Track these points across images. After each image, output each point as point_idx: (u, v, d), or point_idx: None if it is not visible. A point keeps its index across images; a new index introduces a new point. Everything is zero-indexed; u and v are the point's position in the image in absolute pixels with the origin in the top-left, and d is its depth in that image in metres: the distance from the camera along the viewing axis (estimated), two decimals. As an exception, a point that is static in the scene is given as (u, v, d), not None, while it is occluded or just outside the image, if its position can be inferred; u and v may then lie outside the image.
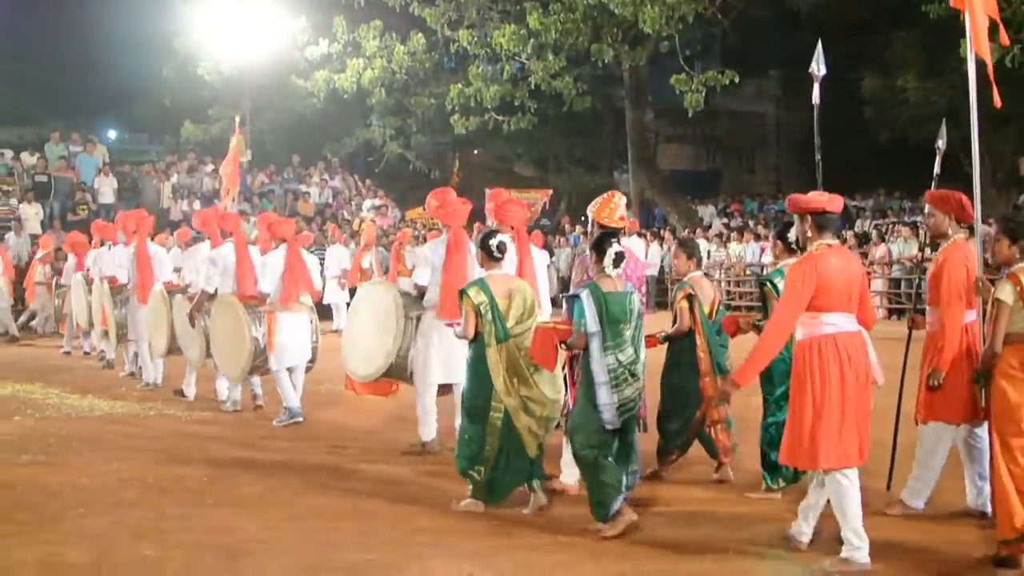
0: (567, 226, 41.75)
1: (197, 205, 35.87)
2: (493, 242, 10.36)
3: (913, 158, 42.90)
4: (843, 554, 8.38)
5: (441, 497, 10.51)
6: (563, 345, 9.80)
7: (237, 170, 19.36)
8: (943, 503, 10.10)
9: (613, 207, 10.78)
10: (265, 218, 16.59)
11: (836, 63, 11.02)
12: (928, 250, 13.33)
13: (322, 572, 8.45)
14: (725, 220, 42.69)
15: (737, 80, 34.93)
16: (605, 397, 9.31)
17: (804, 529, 8.82)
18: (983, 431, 9.44)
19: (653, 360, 10.22)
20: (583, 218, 43.33)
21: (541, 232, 22.64)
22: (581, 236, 39.08)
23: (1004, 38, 10.95)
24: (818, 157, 11.17)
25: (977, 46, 10.06)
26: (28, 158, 37.74)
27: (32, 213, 34.30)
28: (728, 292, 35.97)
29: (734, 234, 37.35)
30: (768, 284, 10.63)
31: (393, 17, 39.71)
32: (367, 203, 41.50)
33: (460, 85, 38.51)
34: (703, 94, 34.49)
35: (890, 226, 33.77)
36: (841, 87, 41.82)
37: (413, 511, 10.19)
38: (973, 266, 9.66)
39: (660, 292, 35.69)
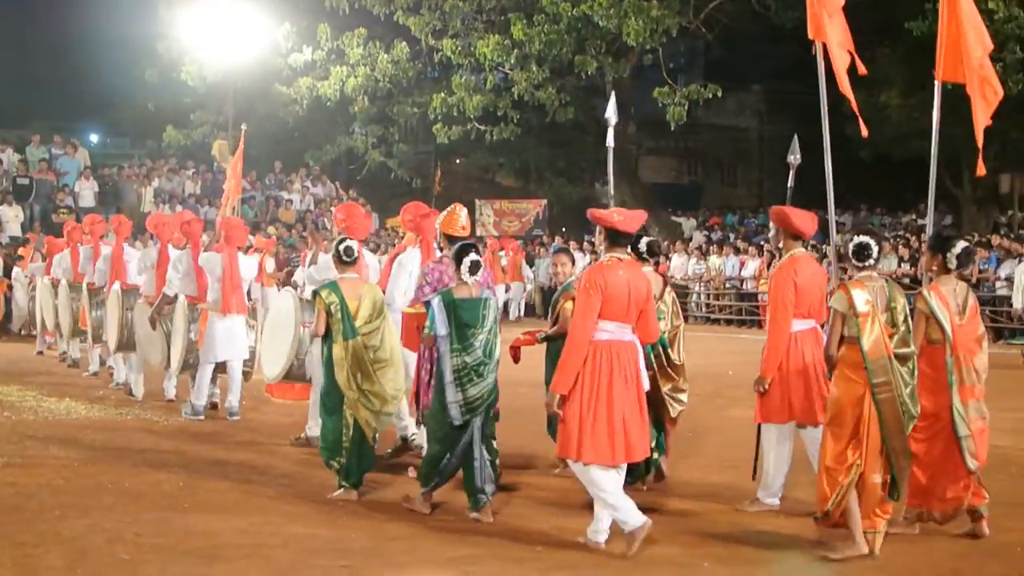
0: (546, 237, 41.81)
1: (179, 210, 35.88)
2: (342, 247, 11.29)
3: (895, 174, 43.10)
4: (625, 528, 9.11)
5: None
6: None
7: (240, 178, 19.42)
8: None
9: (456, 218, 11.75)
10: (228, 222, 16.78)
11: (819, 78, 11.12)
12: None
13: (298, 579, 8.46)
14: (706, 233, 42.77)
15: (720, 94, 35.07)
16: (451, 395, 10.01)
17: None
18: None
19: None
20: (563, 229, 43.48)
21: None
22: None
23: (861, 68, 11.57)
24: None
25: (840, 82, 11.05)
26: (9, 160, 37.65)
27: (12, 215, 34.29)
28: (707, 305, 36.07)
29: (714, 247, 37.40)
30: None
31: (377, 25, 39.70)
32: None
33: (443, 94, 38.52)
34: (686, 107, 34.61)
35: (871, 242, 33.86)
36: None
37: (389, 518, 10.20)
38: (806, 280, 10.22)
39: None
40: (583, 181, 52.75)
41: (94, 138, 60.31)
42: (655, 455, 11.16)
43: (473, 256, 10.16)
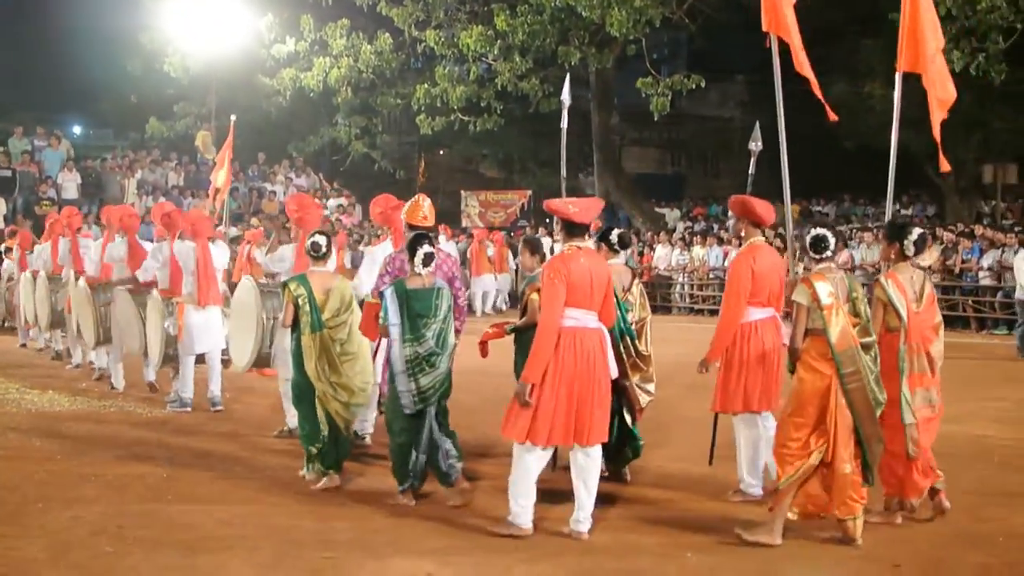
0: (530, 228, 41.79)
1: (162, 201, 35.84)
2: (309, 243, 11.70)
3: (879, 164, 43.15)
4: (507, 519, 9.37)
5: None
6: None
7: (230, 169, 19.45)
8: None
9: (418, 208, 12.03)
10: (189, 215, 16.92)
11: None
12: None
13: (283, 570, 8.45)
14: (689, 224, 42.77)
15: (703, 84, 35.04)
16: (402, 384, 10.18)
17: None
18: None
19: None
20: (547, 220, 43.44)
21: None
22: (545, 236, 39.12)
23: (799, 65, 11.96)
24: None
25: (800, 66, 11.50)
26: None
27: (-6, 207, 34.19)
28: (692, 296, 36.06)
29: (697, 238, 37.41)
30: None
31: (360, 16, 39.64)
32: (332, 202, 41.50)
33: (426, 85, 38.46)
34: (669, 98, 34.59)
35: (853, 231, 33.83)
36: (808, 93, 42.02)
37: (372, 510, 10.22)
38: (764, 268, 10.33)
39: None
40: (566, 171, 52.73)
41: (77, 130, 60.14)
42: (638, 443, 11.39)
43: (427, 247, 10.36)
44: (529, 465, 9.38)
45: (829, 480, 9.11)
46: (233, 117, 19.81)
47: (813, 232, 9.43)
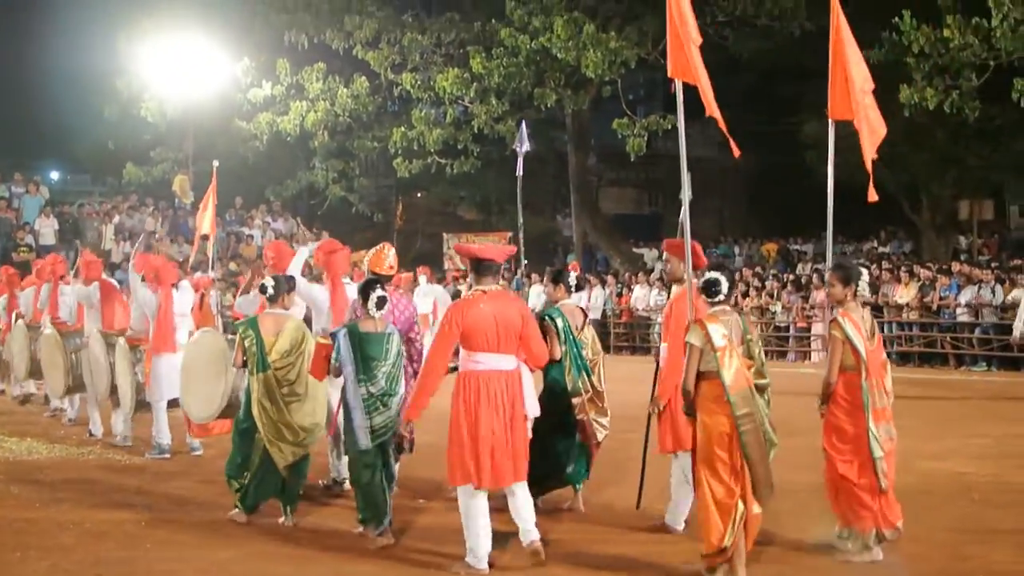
0: (506, 271, 41.78)
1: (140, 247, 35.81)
2: (260, 285, 12.22)
3: (854, 202, 43.30)
4: (464, 560, 9.62)
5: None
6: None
7: (214, 215, 19.48)
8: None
9: (383, 257, 12.25)
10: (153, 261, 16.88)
11: (777, 108, 11.29)
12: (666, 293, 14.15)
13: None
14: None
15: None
16: (358, 419, 10.44)
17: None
18: None
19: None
20: (525, 261, 43.37)
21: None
22: (524, 279, 39.10)
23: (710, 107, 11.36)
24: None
25: (709, 108, 11.11)
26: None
27: (-29, 254, 34.03)
28: (671, 336, 36.04)
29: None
30: (547, 319, 11.71)
31: (336, 60, 39.77)
32: (310, 246, 41.43)
33: (403, 128, 38.56)
34: (645, 138, 34.66)
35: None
36: (784, 132, 42.16)
37: (352, 556, 10.20)
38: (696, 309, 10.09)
39: (603, 336, 35.72)
40: (544, 213, 52.81)
41: (54, 175, 60.07)
42: (578, 481, 11.82)
43: (379, 292, 10.64)
44: (467, 506, 9.63)
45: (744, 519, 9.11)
46: (216, 163, 19.85)
47: (706, 276, 9.55)
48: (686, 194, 10.74)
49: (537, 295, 37.11)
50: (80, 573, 9.39)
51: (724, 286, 9.46)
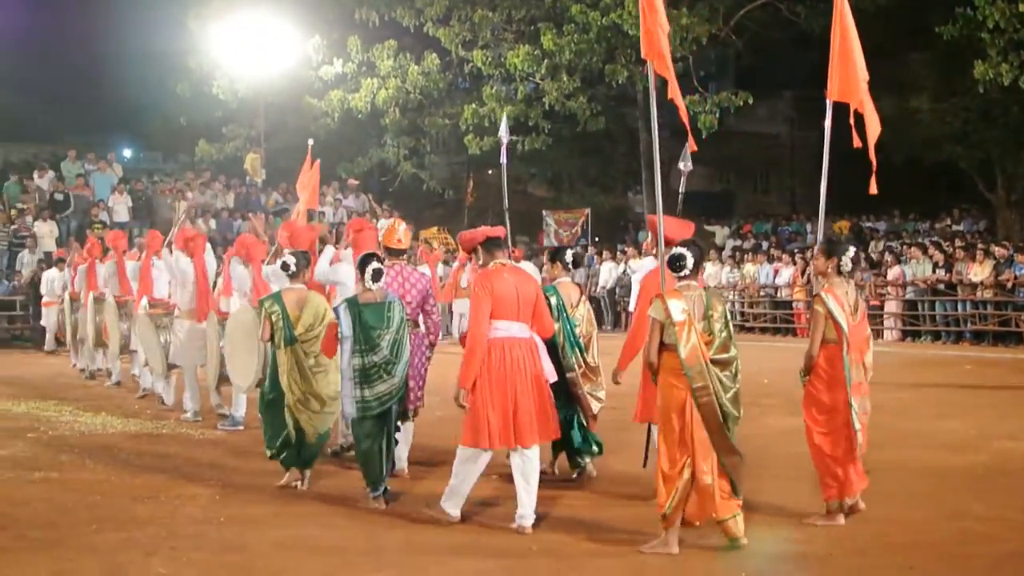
0: (591, 245, 41.72)
1: (212, 224, 35.98)
2: (280, 262, 12.74)
3: (928, 179, 42.88)
4: (438, 503, 10.36)
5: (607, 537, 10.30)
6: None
7: (316, 191, 19.72)
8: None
9: (393, 232, 12.75)
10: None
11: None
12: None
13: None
14: (738, 241, 42.65)
15: (751, 101, 34.99)
16: (348, 390, 10.99)
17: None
18: None
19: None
20: (596, 239, 43.38)
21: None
22: (595, 257, 39.07)
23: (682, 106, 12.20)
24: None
25: (672, 93, 11.86)
26: (44, 176, 37.83)
27: (47, 231, 34.29)
28: (742, 313, 35.90)
29: (748, 255, 37.30)
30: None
31: (407, 37, 39.80)
32: (381, 222, 41.50)
33: (474, 105, 38.57)
34: (717, 115, 34.56)
35: (904, 247, 33.61)
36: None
37: (422, 528, 10.19)
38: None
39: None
40: (615, 190, 52.69)
41: (127, 153, 60.48)
42: (588, 456, 12.36)
43: (375, 264, 11.10)
44: (467, 463, 10.23)
45: (696, 492, 9.36)
46: (311, 142, 20.18)
47: (673, 251, 9.75)
48: (658, 173, 10.96)
49: (608, 271, 37.06)
50: (154, 546, 9.43)
51: (689, 261, 9.65)
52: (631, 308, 14.57)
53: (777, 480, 11.58)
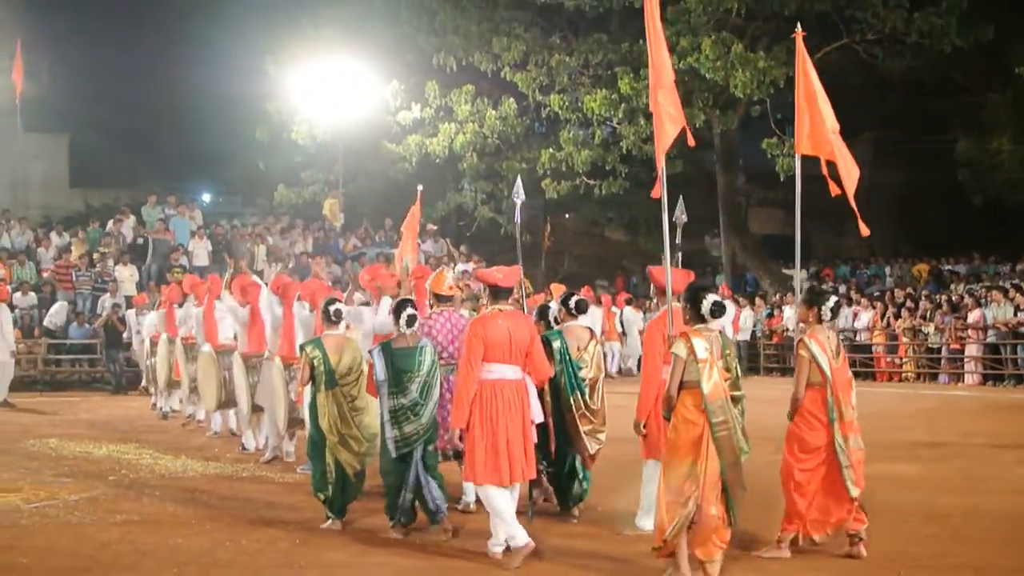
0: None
1: (292, 267, 36.21)
2: (332, 308, 12.96)
3: (1009, 221, 42.52)
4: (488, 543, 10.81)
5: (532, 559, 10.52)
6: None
7: (415, 238, 20.16)
8: None
9: (443, 280, 13.34)
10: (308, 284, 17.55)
11: (929, 125, 11.31)
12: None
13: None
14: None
15: (829, 144, 34.87)
16: (387, 432, 11.61)
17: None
18: None
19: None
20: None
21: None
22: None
23: (691, 140, 13.23)
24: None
25: (658, 150, 12.72)
26: (128, 225, 38.25)
27: (127, 275, 34.56)
28: (821, 356, 35.58)
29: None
30: (545, 340, 12.28)
31: (484, 82, 39.96)
32: (459, 267, 41.60)
33: (551, 149, 38.66)
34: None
35: (984, 290, 33.35)
36: (934, 150, 41.65)
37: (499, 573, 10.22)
38: (677, 331, 10.66)
39: (752, 357, 35.59)
40: (692, 234, 52.54)
41: (206, 197, 61.11)
42: (582, 486, 12.91)
43: (409, 311, 11.73)
44: (495, 500, 10.63)
45: (696, 521, 9.68)
46: (420, 187, 20.53)
47: (712, 299, 10.01)
48: (666, 220, 11.22)
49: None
50: (236, 590, 9.51)
51: (716, 308, 10.01)
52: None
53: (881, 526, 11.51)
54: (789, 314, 35.82)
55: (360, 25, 41.07)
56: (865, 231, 13.02)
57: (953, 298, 34.21)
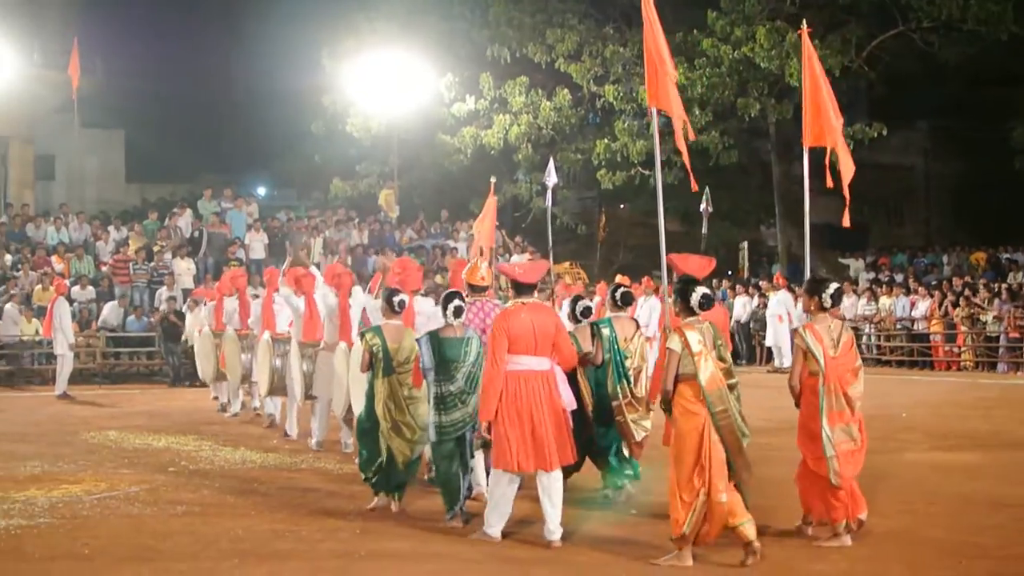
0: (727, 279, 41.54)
1: (349, 261, 36.25)
2: (395, 300, 13.15)
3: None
4: (482, 528, 11.14)
5: (631, 551, 10.60)
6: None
7: (493, 229, 20.34)
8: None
9: (477, 271, 13.29)
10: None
11: (986, 114, 11.30)
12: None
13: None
14: (873, 274, 42.22)
15: (884, 132, 34.74)
16: (432, 417, 11.85)
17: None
18: None
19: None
20: (729, 272, 43.17)
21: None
22: (728, 290, 38.85)
23: (691, 133, 13.43)
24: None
25: (679, 141, 13.31)
26: (186, 220, 38.45)
27: (184, 268, 34.70)
28: (879, 347, 35.49)
29: (883, 288, 36.91)
30: (596, 327, 13.08)
31: (539, 73, 39.98)
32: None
33: (606, 140, 38.65)
34: (850, 147, 34.30)
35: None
36: (991, 138, 41.37)
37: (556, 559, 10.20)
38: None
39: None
40: (748, 224, 52.40)
41: (262, 190, 61.27)
42: (623, 480, 13.12)
43: (457, 302, 11.94)
44: (501, 486, 11.06)
45: (708, 510, 9.91)
46: (493, 179, 20.67)
47: (702, 291, 10.37)
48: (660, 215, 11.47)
49: (742, 305, 36.70)
50: (297, 580, 9.55)
51: (703, 299, 10.36)
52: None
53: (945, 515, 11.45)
54: (846, 303, 35.48)
55: (413, 19, 41.25)
56: (846, 222, 14.29)
57: (1012, 286, 33.97)
